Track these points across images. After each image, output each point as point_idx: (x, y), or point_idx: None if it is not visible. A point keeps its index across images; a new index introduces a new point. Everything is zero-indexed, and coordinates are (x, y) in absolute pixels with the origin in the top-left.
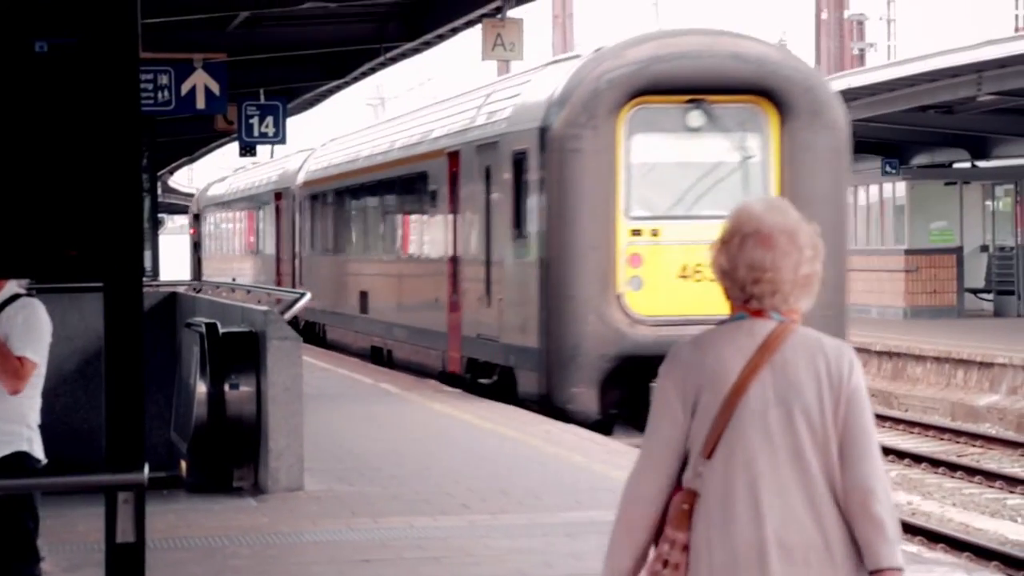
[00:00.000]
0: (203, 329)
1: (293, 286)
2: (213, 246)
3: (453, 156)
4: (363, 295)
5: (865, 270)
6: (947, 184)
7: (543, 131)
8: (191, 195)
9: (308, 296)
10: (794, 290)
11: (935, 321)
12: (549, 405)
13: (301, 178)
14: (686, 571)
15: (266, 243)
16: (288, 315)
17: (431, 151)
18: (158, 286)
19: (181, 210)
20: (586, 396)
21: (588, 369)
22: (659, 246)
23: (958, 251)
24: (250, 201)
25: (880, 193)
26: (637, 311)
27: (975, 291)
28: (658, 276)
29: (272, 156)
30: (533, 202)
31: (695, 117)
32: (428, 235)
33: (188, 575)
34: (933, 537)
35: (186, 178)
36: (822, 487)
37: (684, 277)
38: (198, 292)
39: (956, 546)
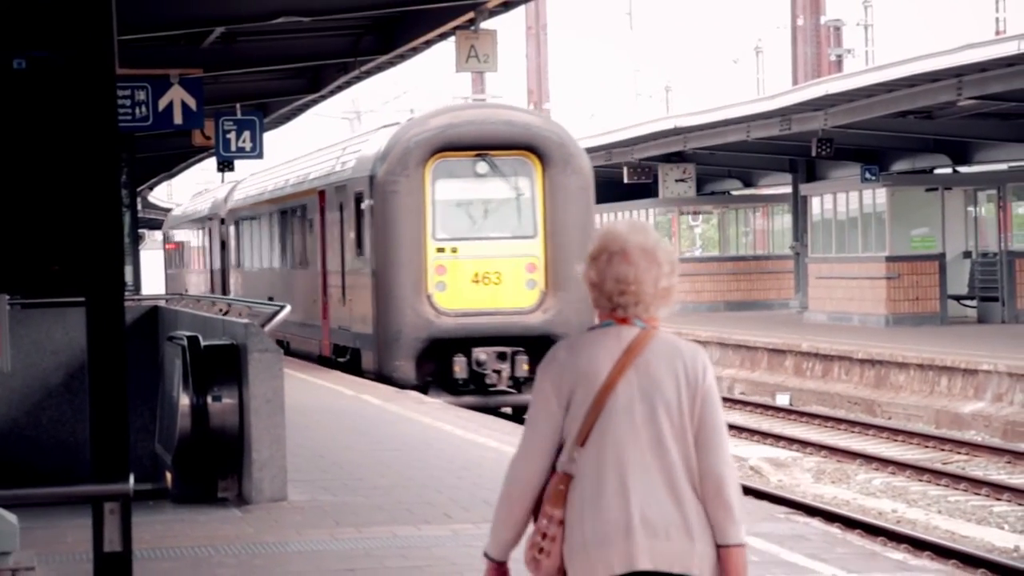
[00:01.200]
0: (185, 342)
1: (224, 293)
2: (174, 262)
3: (321, 194)
4: (270, 298)
5: (846, 278)
6: (928, 190)
7: (372, 178)
8: (171, 210)
9: (288, 308)
10: (654, 300)
11: (918, 328)
12: (381, 376)
13: (227, 206)
14: (561, 543)
15: (207, 260)
16: (268, 328)
17: (308, 189)
18: (140, 300)
19: (160, 225)
20: (406, 368)
21: (407, 348)
22: (457, 260)
23: (940, 258)
24: (196, 224)
25: (860, 200)
26: (442, 306)
27: (958, 298)
28: (457, 281)
29: (223, 181)
30: (367, 229)
31: (481, 166)
32: (308, 252)
33: None
34: (919, 545)
35: (165, 193)
36: (680, 471)
37: (475, 282)
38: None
39: (942, 554)
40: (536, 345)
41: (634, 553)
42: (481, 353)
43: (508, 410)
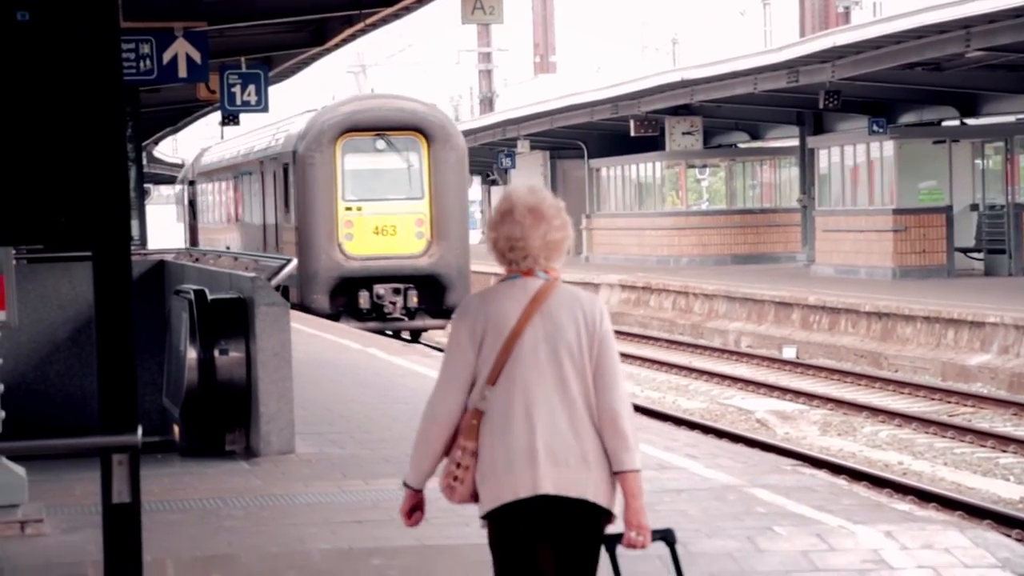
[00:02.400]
0: (192, 296)
1: (193, 245)
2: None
3: (261, 163)
4: (227, 247)
5: (853, 231)
6: (936, 142)
7: (295, 152)
8: (176, 165)
9: (295, 262)
10: (543, 253)
11: (925, 281)
12: (303, 307)
13: (195, 170)
14: (474, 471)
15: (185, 215)
16: (275, 281)
17: (252, 160)
18: (146, 254)
19: (167, 180)
20: (322, 300)
21: (323, 285)
22: (362, 216)
23: (947, 210)
24: (180, 186)
25: (867, 153)
26: (350, 252)
27: (965, 250)
28: (361, 233)
29: (222, 137)
30: (292, 193)
31: (380, 144)
32: (254, 210)
33: (183, 536)
34: (925, 496)
35: (171, 148)
36: (581, 407)
37: (376, 233)
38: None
39: (948, 505)
40: (423, 282)
41: (538, 479)
42: (381, 288)
43: (407, 335)
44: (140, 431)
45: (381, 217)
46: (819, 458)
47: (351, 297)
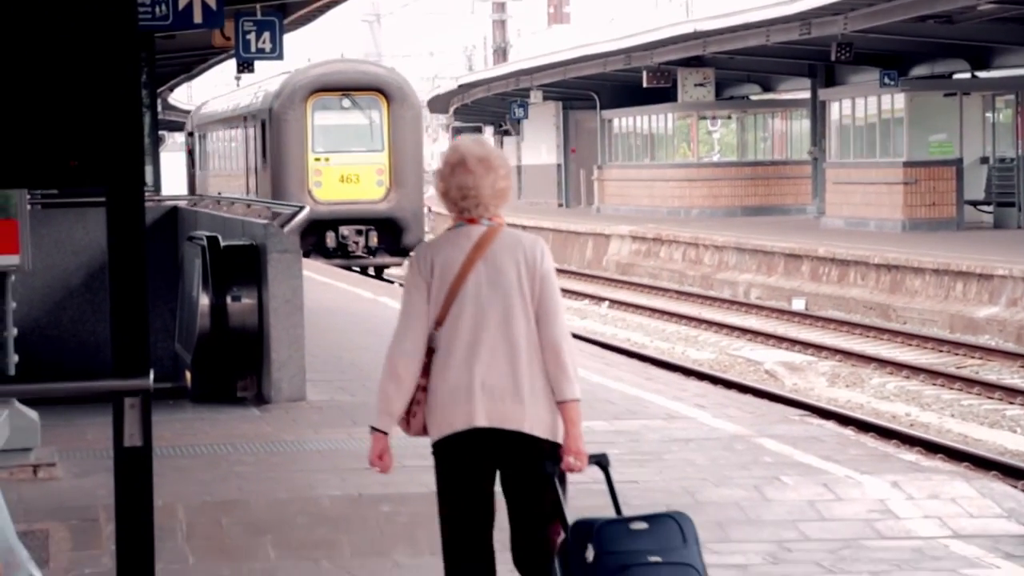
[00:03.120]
0: (205, 242)
1: (192, 192)
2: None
3: (245, 118)
4: (218, 193)
5: (863, 183)
6: (946, 95)
7: (271, 110)
8: (199, 107)
9: (308, 210)
10: (492, 200)
11: (934, 233)
12: None
13: (194, 122)
14: (424, 404)
15: (187, 163)
16: (288, 228)
17: (236, 115)
18: (160, 200)
19: (181, 127)
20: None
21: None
22: (329, 166)
23: (958, 163)
24: (185, 134)
25: (879, 105)
26: (318, 197)
27: (975, 203)
28: (329, 180)
29: (238, 85)
30: (269, 145)
31: (345, 102)
32: (238, 160)
33: (194, 481)
34: (931, 447)
35: (185, 95)
36: (522, 346)
37: (342, 181)
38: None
39: (954, 456)
40: (383, 224)
41: (473, 413)
42: (345, 230)
43: (372, 271)
44: (152, 376)
45: (346, 167)
46: (827, 409)
47: (319, 237)
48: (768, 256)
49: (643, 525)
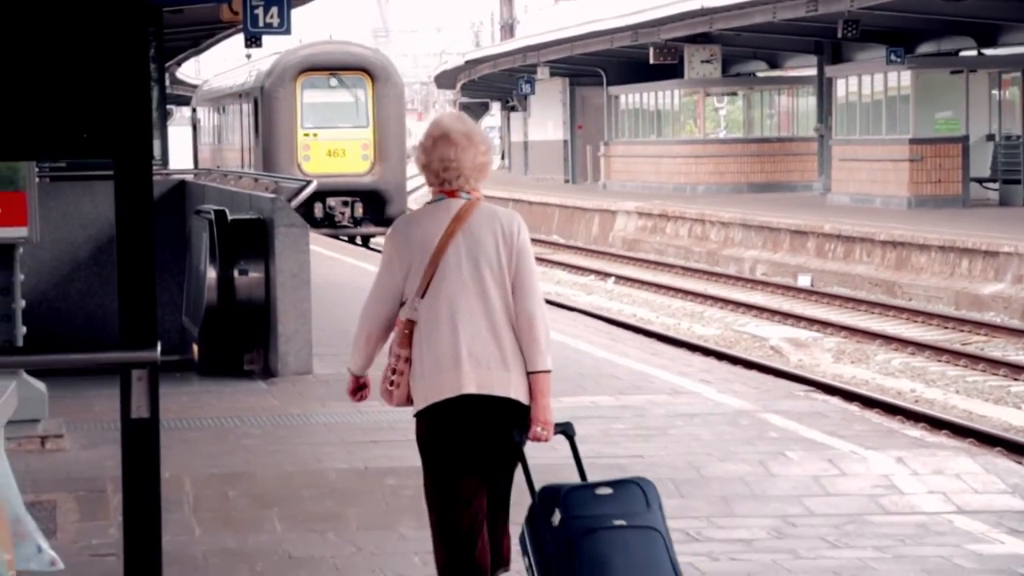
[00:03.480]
0: (212, 216)
1: (195, 165)
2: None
3: (240, 95)
4: (217, 166)
5: (869, 160)
6: (953, 73)
7: (262, 88)
8: (200, 85)
9: (314, 184)
10: (473, 174)
11: (940, 210)
12: None
13: (197, 99)
14: (408, 376)
15: (191, 137)
16: (295, 203)
17: (232, 93)
18: (167, 174)
19: (189, 102)
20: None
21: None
22: (317, 141)
23: (964, 140)
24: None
25: (885, 82)
26: (307, 170)
27: (980, 180)
28: (317, 154)
29: (248, 58)
30: (261, 121)
31: (333, 81)
32: (233, 136)
33: (201, 454)
34: (936, 423)
35: (193, 70)
36: (500, 315)
37: (329, 155)
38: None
39: (959, 432)
40: (367, 196)
41: (462, 380)
42: (332, 201)
43: (359, 240)
44: (159, 348)
45: (333, 142)
46: (832, 385)
47: (307, 208)
48: (774, 232)
49: (608, 490)
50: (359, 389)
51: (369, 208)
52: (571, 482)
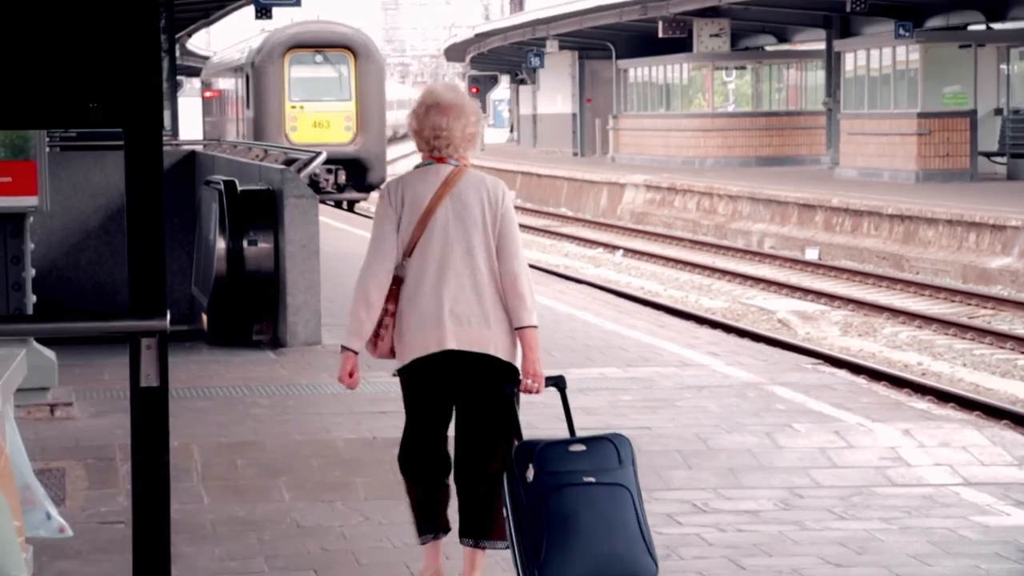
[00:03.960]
0: (222, 187)
1: (204, 136)
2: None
3: (234, 70)
4: (219, 136)
5: (877, 134)
6: (961, 47)
7: (253, 63)
8: (208, 59)
9: (324, 155)
10: (462, 143)
11: (948, 184)
12: None
13: (205, 73)
14: (393, 330)
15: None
16: (304, 174)
17: (229, 68)
18: (178, 145)
19: (199, 73)
20: None
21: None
22: (304, 113)
23: (972, 114)
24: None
25: (893, 56)
26: (294, 140)
27: (988, 154)
28: (303, 125)
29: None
30: (253, 94)
31: (318, 58)
32: (230, 107)
33: (210, 423)
34: (943, 396)
35: (204, 42)
36: (484, 275)
37: (315, 126)
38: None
39: (966, 405)
40: (350, 164)
41: (444, 336)
42: (317, 168)
43: (345, 205)
44: (168, 316)
45: (318, 114)
46: (839, 358)
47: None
48: (782, 206)
49: (581, 447)
50: (352, 371)
51: (351, 175)
52: (547, 438)
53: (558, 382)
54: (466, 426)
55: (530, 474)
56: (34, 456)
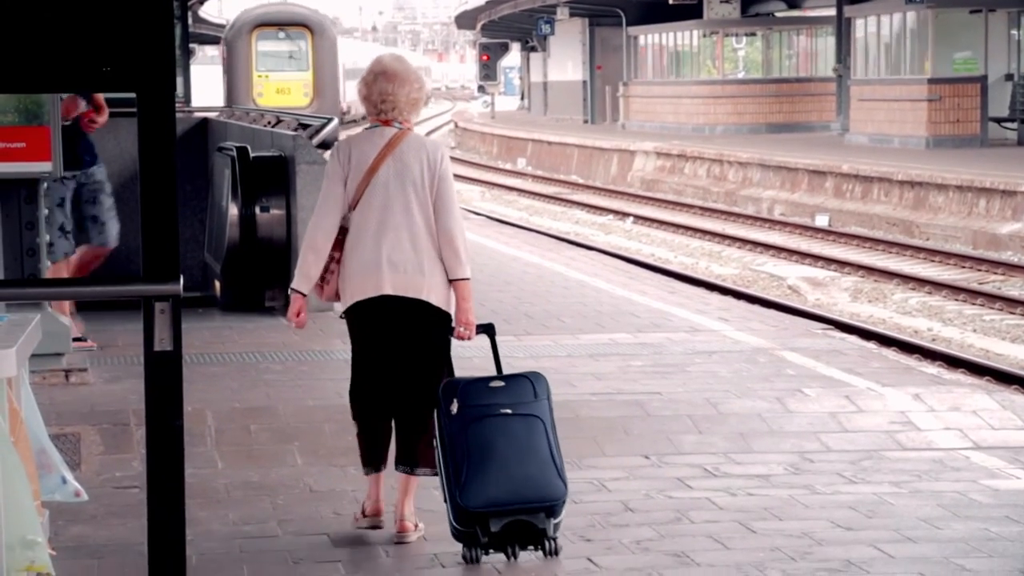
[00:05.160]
0: (234, 153)
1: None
2: None
3: (219, 43)
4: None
5: (887, 100)
6: (972, 12)
7: (226, 39)
8: (220, 25)
9: (336, 121)
10: (406, 107)
11: (958, 150)
12: None
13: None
14: (338, 275)
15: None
16: (316, 140)
17: (219, 40)
18: (190, 111)
19: (211, 40)
20: None
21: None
22: (268, 81)
23: (982, 80)
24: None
25: (904, 22)
26: (260, 104)
27: (999, 120)
28: (268, 92)
29: None
30: (229, 65)
31: (280, 35)
32: (219, 74)
33: (223, 388)
34: (953, 361)
35: (216, 9)
36: (421, 229)
37: (278, 93)
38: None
39: (976, 370)
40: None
41: (381, 282)
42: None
43: None
44: (182, 281)
45: (281, 82)
46: (850, 324)
47: None
48: (792, 173)
49: (500, 383)
50: (299, 312)
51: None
52: (470, 376)
53: (488, 329)
54: (403, 366)
55: (454, 408)
56: (49, 421)
